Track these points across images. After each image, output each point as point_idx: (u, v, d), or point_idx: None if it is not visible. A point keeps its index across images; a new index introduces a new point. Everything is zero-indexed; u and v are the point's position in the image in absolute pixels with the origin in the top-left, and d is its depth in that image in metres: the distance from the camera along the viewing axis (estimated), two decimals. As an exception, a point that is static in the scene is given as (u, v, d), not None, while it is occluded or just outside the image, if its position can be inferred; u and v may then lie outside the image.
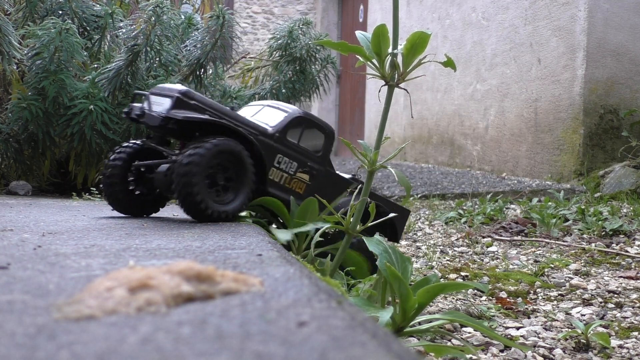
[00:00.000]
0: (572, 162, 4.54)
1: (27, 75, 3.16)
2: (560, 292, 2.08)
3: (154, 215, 1.99)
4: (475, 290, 2.06)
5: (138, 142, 1.95)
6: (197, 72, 3.32)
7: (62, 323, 0.61)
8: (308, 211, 1.83)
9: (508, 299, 1.98)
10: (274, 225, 1.99)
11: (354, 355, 0.52)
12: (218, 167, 1.74)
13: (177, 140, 1.97)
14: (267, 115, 1.97)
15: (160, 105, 1.80)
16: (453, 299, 1.98)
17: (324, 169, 1.99)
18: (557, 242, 2.83)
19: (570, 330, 1.68)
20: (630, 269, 2.38)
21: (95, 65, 3.34)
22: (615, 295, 2.04)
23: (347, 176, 2.07)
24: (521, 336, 1.64)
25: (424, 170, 5.93)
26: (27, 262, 1.00)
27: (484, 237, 3.02)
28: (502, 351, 1.54)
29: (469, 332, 1.65)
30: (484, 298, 2.01)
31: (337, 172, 2.06)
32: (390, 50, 1.43)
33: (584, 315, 1.84)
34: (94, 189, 3.16)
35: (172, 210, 2.22)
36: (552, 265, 2.41)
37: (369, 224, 1.51)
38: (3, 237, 1.32)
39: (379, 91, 1.53)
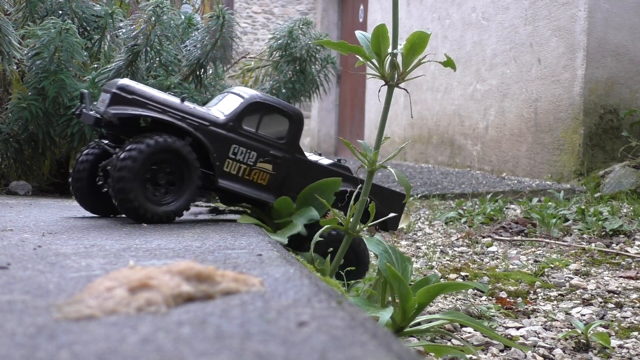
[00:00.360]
0: (572, 162, 4.54)
1: (27, 75, 3.16)
2: (560, 292, 2.08)
3: None
4: (475, 290, 2.06)
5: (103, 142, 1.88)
6: (197, 72, 3.32)
7: (62, 323, 0.61)
8: (284, 209, 1.77)
9: (508, 299, 1.98)
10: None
11: (354, 355, 0.52)
12: (159, 165, 1.66)
13: (128, 137, 1.85)
14: (226, 103, 1.86)
15: (103, 102, 1.73)
16: (453, 299, 1.98)
17: (292, 157, 1.85)
18: (557, 242, 2.83)
19: (570, 330, 1.68)
20: (630, 269, 2.38)
21: (95, 65, 3.33)
22: (615, 295, 2.04)
23: (327, 162, 1.93)
24: (521, 336, 1.64)
25: (424, 170, 5.93)
26: (27, 262, 1.00)
27: (484, 237, 3.02)
28: (502, 351, 1.54)
29: (469, 332, 1.65)
30: (484, 298, 2.01)
31: (317, 158, 1.94)
32: (390, 50, 1.43)
33: (584, 315, 1.84)
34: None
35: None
36: (552, 265, 2.41)
37: (369, 224, 1.51)
38: (3, 237, 1.32)
39: (379, 91, 1.53)
